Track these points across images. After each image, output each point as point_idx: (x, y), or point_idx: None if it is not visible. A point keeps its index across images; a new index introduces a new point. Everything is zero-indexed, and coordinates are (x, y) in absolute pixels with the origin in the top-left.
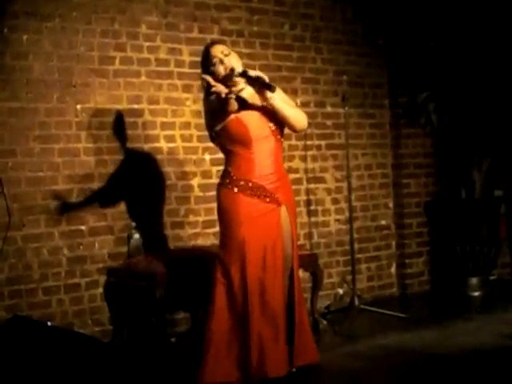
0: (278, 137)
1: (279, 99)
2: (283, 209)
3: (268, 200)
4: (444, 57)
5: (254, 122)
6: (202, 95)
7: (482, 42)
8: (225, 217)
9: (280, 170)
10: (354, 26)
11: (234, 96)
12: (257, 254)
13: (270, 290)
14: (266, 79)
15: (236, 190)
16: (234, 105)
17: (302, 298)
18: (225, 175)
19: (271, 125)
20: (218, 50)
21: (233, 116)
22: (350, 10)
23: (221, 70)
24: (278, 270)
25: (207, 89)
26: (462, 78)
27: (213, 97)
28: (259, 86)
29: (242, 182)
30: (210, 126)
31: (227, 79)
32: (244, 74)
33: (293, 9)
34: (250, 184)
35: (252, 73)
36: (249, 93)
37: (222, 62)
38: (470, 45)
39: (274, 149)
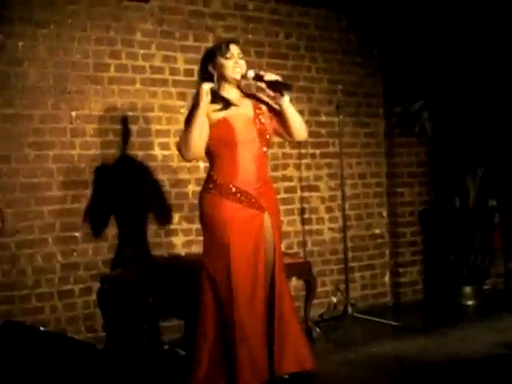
0: (264, 143)
1: (289, 102)
2: (266, 215)
3: (251, 205)
4: (438, 66)
5: (241, 124)
6: None
7: (476, 50)
8: (209, 222)
9: (264, 177)
10: (348, 36)
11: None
12: (241, 261)
13: (254, 298)
14: (280, 78)
15: (219, 194)
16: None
17: (291, 306)
18: (208, 180)
19: (259, 129)
20: (236, 49)
21: (221, 117)
22: (344, 20)
23: (229, 65)
24: (260, 277)
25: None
26: (456, 86)
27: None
28: (276, 87)
29: (225, 187)
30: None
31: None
32: (258, 78)
33: (288, 18)
34: (234, 189)
35: (269, 76)
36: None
37: (235, 61)
38: (464, 54)
39: (258, 155)
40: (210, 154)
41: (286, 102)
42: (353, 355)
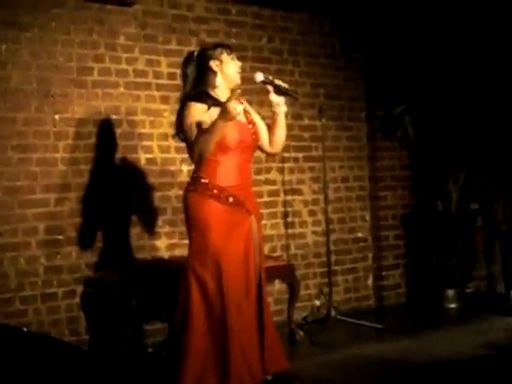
0: (254, 148)
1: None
2: (252, 219)
3: (240, 209)
4: (420, 70)
5: (235, 129)
6: None
7: (458, 55)
8: (198, 224)
9: (248, 181)
10: (331, 40)
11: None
12: (232, 264)
13: (245, 299)
14: (286, 86)
15: (209, 196)
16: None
17: (268, 308)
18: (195, 181)
19: (252, 134)
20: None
21: None
22: (327, 24)
23: (235, 66)
24: (251, 280)
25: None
26: (438, 91)
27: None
28: (282, 94)
29: (215, 189)
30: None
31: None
32: (268, 81)
33: (271, 22)
34: (224, 191)
35: (279, 82)
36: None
37: (237, 65)
38: (446, 59)
39: (247, 160)
40: (206, 157)
41: (283, 113)
42: (336, 357)
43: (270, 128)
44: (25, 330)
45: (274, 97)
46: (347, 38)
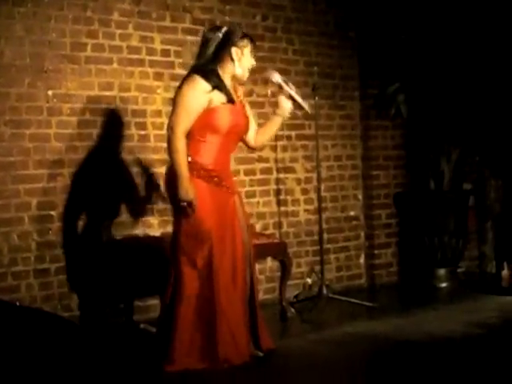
0: (243, 135)
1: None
2: (236, 197)
3: (225, 189)
4: (414, 49)
5: (233, 114)
6: (173, 84)
7: (452, 34)
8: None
9: (228, 162)
10: (325, 18)
11: None
12: (220, 243)
13: (234, 278)
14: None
15: (196, 176)
16: None
17: (257, 286)
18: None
19: (245, 122)
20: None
21: (217, 105)
22: (321, 2)
23: (249, 61)
24: (239, 258)
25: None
26: (431, 69)
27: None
28: (292, 100)
29: (201, 169)
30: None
31: None
32: (283, 85)
33: None
34: (210, 171)
35: (292, 90)
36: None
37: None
38: (440, 37)
39: (234, 144)
40: (193, 136)
41: (283, 117)
42: (327, 335)
43: (263, 125)
44: (17, 304)
45: (284, 100)
46: (342, 16)
